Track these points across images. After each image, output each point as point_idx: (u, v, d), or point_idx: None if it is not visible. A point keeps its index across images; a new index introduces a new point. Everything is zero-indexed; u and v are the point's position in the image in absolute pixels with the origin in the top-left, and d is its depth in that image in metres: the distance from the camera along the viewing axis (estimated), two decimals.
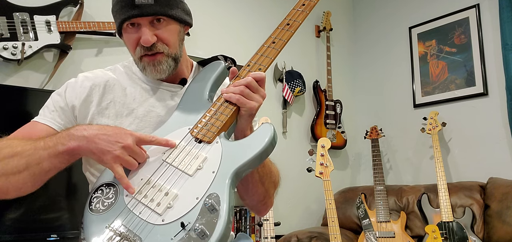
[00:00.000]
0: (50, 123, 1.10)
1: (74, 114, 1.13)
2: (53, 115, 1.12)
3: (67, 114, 1.13)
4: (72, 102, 1.13)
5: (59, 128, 1.10)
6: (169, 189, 0.92)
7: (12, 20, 2.17)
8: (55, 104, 1.13)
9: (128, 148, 0.95)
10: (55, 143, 0.96)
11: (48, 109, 1.13)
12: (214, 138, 0.99)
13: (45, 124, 1.10)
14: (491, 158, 2.97)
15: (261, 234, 2.69)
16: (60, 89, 1.16)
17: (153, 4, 1.06)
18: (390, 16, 3.71)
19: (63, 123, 1.12)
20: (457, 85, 3.21)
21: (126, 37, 1.13)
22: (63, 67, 2.35)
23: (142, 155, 0.98)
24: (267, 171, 1.16)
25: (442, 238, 2.57)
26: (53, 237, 2.07)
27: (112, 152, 0.93)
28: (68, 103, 1.13)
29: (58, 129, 1.10)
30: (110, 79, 1.18)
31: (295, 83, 3.31)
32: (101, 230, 0.89)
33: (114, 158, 0.93)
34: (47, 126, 1.10)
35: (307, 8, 1.18)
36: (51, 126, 1.10)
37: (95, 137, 0.95)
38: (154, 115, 1.15)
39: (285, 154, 3.21)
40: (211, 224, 0.84)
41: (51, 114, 1.12)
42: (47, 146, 0.96)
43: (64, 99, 1.14)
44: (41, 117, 1.12)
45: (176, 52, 1.13)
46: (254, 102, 1.03)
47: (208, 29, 2.98)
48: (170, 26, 1.11)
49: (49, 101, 1.15)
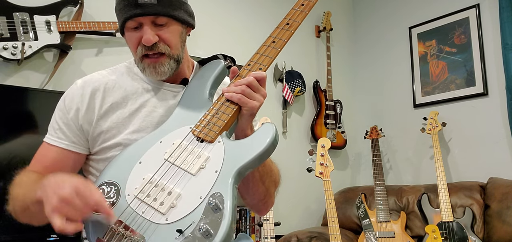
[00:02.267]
0: (57, 143, 1.13)
1: (78, 125, 1.13)
2: (58, 134, 1.14)
3: (71, 127, 1.13)
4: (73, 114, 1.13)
5: (66, 145, 1.13)
6: (172, 188, 0.92)
7: (12, 20, 2.17)
8: (58, 121, 1.15)
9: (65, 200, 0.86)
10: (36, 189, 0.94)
11: (53, 128, 1.15)
12: (216, 137, 0.99)
13: (53, 145, 1.13)
14: (491, 158, 2.97)
15: (261, 234, 2.69)
16: (60, 102, 1.17)
17: (156, 4, 1.06)
18: (390, 16, 3.71)
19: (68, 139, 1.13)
20: (457, 85, 3.21)
21: (128, 36, 1.13)
22: (63, 67, 2.35)
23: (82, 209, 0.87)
24: (268, 170, 1.16)
25: (442, 238, 2.57)
26: (53, 237, 2.07)
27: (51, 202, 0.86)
28: (71, 117, 1.13)
29: (65, 146, 1.13)
30: (109, 82, 1.17)
31: (295, 83, 3.31)
32: (104, 229, 0.89)
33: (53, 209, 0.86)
34: (55, 146, 1.13)
35: (307, 8, 1.18)
36: (59, 146, 1.13)
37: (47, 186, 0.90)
38: (156, 116, 1.15)
39: (285, 154, 3.21)
40: (216, 223, 0.84)
41: (57, 134, 1.14)
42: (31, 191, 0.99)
43: (65, 112, 1.14)
44: (49, 138, 1.15)
45: (178, 53, 1.13)
46: (255, 102, 1.03)
47: (208, 29, 2.98)
48: (173, 27, 1.11)
49: (53, 118, 1.17)
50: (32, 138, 2.07)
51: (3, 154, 2.02)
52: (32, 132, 2.07)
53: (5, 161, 2.02)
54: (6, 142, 2.04)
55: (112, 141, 1.12)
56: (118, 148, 1.10)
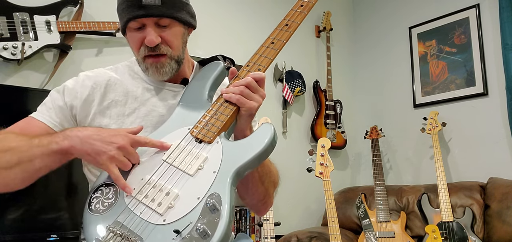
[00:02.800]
0: (46, 120, 1.10)
1: (72, 113, 1.13)
2: (50, 113, 1.12)
3: (64, 113, 1.13)
4: (70, 102, 1.13)
5: (54, 126, 1.10)
6: (170, 189, 0.92)
7: (12, 20, 2.17)
8: (53, 102, 1.13)
9: (123, 149, 0.95)
10: (49, 142, 0.96)
11: (46, 107, 1.13)
12: (215, 138, 1.00)
13: (41, 121, 1.10)
14: (491, 158, 2.97)
15: (261, 234, 2.69)
16: (60, 87, 1.16)
17: (160, 6, 1.07)
18: (390, 16, 3.71)
19: (59, 120, 1.11)
20: (457, 85, 3.21)
21: (130, 36, 1.13)
22: (63, 67, 2.35)
23: (136, 156, 0.98)
24: (267, 171, 1.16)
25: (442, 238, 2.57)
26: (53, 237, 2.07)
27: (107, 152, 0.93)
28: (67, 102, 1.13)
29: (53, 127, 1.10)
30: (111, 79, 1.18)
31: (295, 83, 3.31)
32: (102, 230, 0.89)
33: (110, 158, 0.93)
34: (43, 123, 1.10)
35: (306, 9, 1.18)
36: (47, 124, 1.10)
37: (89, 138, 0.95)
38: (155, 115, 1.15)
39: (285, 154, 3.21)
40: (213, 224, 0.84)
41: (48, 112, 1.12)
42: (41, 144, 0.96)
43: (63, 98, 1.14)
44: (38, 114, 1.12)
45: (179, 54, 1.14)
46: (254, 103, 1.04)
47: (208, 30, 2.98)
48: (175, 28, 1.12)
49: (47, 98, 1.15)
50: None
51: None
52: None
53: None
54: None
55: None
56: None
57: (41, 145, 0.96)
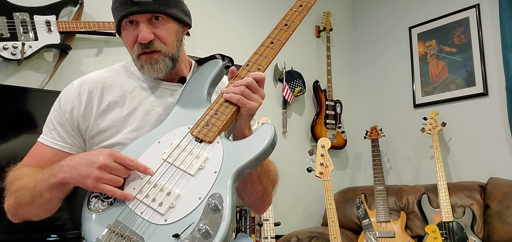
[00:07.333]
0: (51, 143, 1.14)
1: (74, 122, 1.14)
2: (53, 134, 1.14)
3: (66, 128, 1.14)
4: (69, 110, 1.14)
5: (60, 146, 1.13)
6: (171, 189, 0.92)
7: (12, 20, 2.17)
8: (53, 121, 1.15)
9: (105, 167, 0.94)
10: (49, 175, 0.98)
11: (48, 128, 1.16)
12: (215, 138, 1.00)
13: (47, 145, 1.14)
14: (491, 158, 2.97)
15: (261, 234, 2.69)
16: (56, 103, 1.17)
17: (152, 2, 1.07)
18: (390, 16, 3.71)
19: (61, 139, 1.14)
20: (457, 85, 3.21)
21: (125, 35, 1.13)
22: (63, 67, 2.35)
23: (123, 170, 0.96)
24: (265, 170, 1.16)
25: (442, 238, 2.57)
26: (53, 237, 2.07)
27: (90, 175, 0.93)
28: (65, 114, 1.14)
29: (59, 147, 1.13)
30: (106, 81, 1.18)
31: (295, 83, 3.31)
32: (102, 229, 0.89)
33: (95, 180, 0.93)
34: (49, 147, 1.14)
35: (305, 9, 1.18)
36: (52, 146, 1.13)
37: (76, 164, 0.96)
38: (154, 114, 1.15)
39: (285, 154, 3.21)
40: (215, 224, 0.84)
41: (51, 134, 1.14)
42: (43, 178, 0.99)
43: (60, 113, 1.15)
44: (43, 138, 1.15)
45: (174, 51, 1.14)
46: (254, 103, 1.04)
47: (207, 29, 2.98)
48: (168, 25, 1.12)
49: (48, 118, 1.17)
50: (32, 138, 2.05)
51: (3, 154, 2.02)
52: (32, 132, 2.07)
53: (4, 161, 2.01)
54: (6, 142, 2.04)
55: (111, 140, 1.12)
56: (117, 147, 1.10)
57: (43, 179, 0.99)
